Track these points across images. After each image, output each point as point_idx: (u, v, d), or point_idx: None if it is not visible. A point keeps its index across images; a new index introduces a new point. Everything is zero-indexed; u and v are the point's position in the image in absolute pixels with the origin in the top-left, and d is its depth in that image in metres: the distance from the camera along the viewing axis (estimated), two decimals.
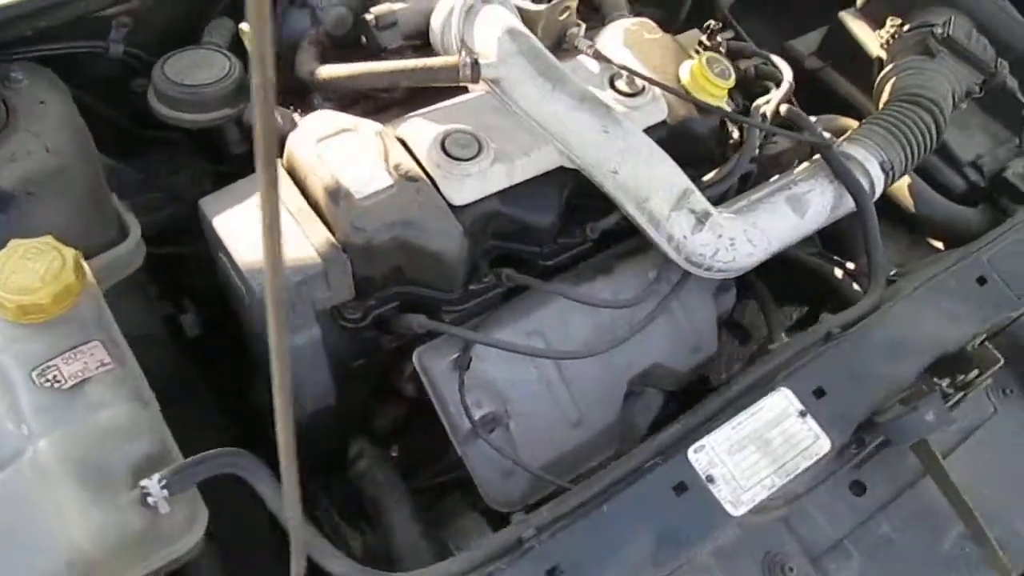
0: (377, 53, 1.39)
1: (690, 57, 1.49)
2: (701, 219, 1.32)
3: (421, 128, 1.30)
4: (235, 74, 1.34)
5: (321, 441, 1.42)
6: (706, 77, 1.44)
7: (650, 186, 1.29)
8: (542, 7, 1.42)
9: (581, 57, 1.46)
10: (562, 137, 1.29)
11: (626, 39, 1.51)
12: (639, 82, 1.42)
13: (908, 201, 1.71)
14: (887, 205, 1.67)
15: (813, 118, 1.55)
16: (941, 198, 1.72)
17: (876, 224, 1.44)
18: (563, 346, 1.36)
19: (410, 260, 1.25)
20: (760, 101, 1.53)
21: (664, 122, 1.44)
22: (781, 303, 1.69)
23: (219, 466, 1.01)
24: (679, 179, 1.31)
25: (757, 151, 1.49)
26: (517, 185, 1.31)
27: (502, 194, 1.30)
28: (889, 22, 1.75)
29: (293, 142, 1.28)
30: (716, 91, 1.45)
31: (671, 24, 1.90)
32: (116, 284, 1.28)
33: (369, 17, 1.39)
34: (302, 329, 1.23)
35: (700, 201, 1.33)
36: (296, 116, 1.33)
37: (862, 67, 1.81)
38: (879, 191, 1.49)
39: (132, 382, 1.08)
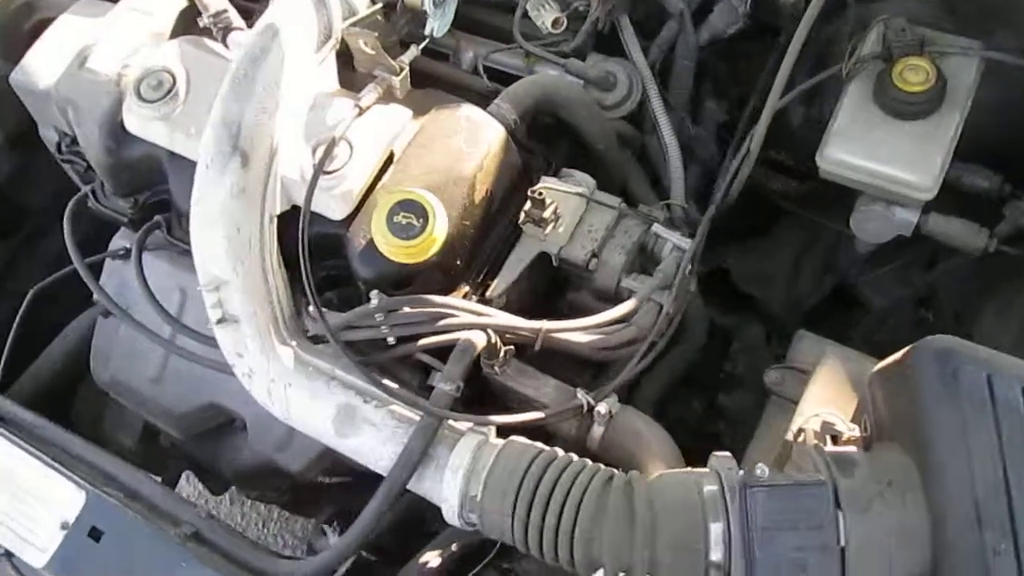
0: None
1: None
2: (226, 319, 1.14)
3: (172, 53, 1.30)
4: None
5: None
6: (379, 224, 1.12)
7: (200, 251, 1.14)
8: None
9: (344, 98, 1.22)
10: None
11: (430, 124, 1.21)
12: (343, 160, 1.16)
13: None
14: None
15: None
16: None
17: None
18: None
19: None
20: None
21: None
22: None
23: None
24: (220, 266, 1.12)
25: None
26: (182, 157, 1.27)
27: (170, 154, 1.29)
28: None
29: None
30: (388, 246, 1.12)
31: None
32: None
33: None
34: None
35: (235, 305, 1.13)
36: None
37: None
38: (451, 518, 1.04)
39: None
